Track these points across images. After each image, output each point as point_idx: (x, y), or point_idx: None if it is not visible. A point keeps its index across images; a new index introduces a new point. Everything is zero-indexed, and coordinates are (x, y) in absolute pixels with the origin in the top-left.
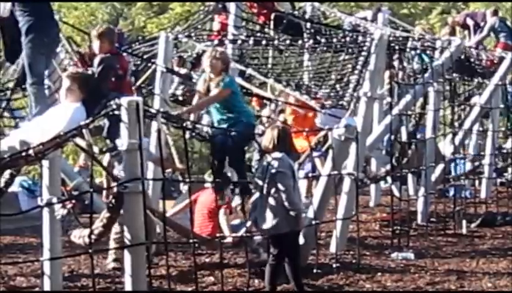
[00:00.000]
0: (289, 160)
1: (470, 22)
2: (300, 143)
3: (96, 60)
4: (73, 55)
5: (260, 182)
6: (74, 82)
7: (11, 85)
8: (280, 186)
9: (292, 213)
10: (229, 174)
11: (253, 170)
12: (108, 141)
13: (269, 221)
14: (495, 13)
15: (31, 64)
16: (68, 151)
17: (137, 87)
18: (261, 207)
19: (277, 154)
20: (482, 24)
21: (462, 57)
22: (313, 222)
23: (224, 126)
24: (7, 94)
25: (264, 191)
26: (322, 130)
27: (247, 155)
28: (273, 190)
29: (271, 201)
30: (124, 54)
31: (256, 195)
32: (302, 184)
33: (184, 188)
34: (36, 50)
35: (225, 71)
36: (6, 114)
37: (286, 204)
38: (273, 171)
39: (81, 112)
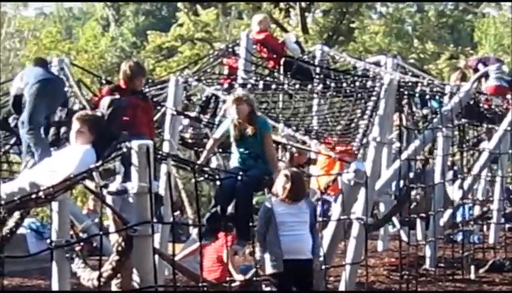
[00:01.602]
0: (268, 206)
1: (481, 67)
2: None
3: (105, 102)
4: (82, 99)
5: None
6: (84, 124)
7: None
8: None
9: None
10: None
11: None
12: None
13: None
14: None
15: (31, 114)
16: (77, 193)
17: None
18: None
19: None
20: None
21: (472, 102)
22: (323, 266)
23: (244, 168)
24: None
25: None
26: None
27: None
28: None
29: None
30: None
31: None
32: None
33: (193, 232)
34: (38, 99)
35: (253, 112)
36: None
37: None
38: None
39: (91, 155)
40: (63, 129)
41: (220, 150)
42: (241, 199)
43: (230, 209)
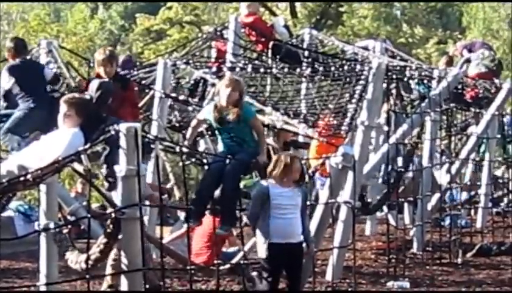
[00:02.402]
0: (264, 188)
1: (465, 53)
2: None
3: (94, 85)
4: (71, 81)
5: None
6: (71, 108)
7: None
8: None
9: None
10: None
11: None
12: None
13: None
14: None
15: (17, 124)
16: (64, 176)
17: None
18: None
19: (263, 181)
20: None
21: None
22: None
23: (231, 152)
24: None
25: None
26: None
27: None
28: None
29: None
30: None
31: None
32: None
33: (181, 215)
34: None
35: (240, 99)
36: None
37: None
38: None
39: (79, 137)
40: None
41: (209, 133)
42: (228, 183)
43: (217, 192)
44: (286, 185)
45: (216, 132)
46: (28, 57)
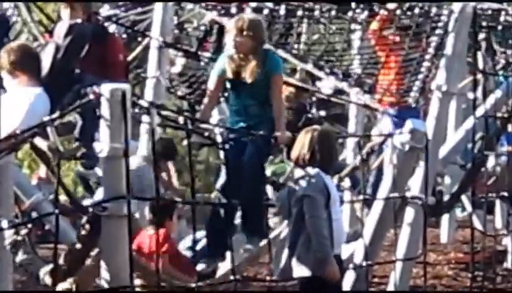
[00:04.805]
0: (324, 180)
1: None
2: None
3: (62, 29)
4: (32, 27)
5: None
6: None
7: None
8: (306, 216)
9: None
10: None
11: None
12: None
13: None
14: None
15: None
16: (23, 156)
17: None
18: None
19: (310, 170)
20: None
21: None
22: (364, 263)
23: (248, 124)
24: None
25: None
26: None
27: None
28: (296, 222)
29: (293, 235)
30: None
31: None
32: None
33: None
34: None
35: (260, 45)
36: None
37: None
38: (299, 194)
39: (43, 102)
40: None
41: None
42: (248, 181)
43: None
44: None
45: (231, 93)
46: None
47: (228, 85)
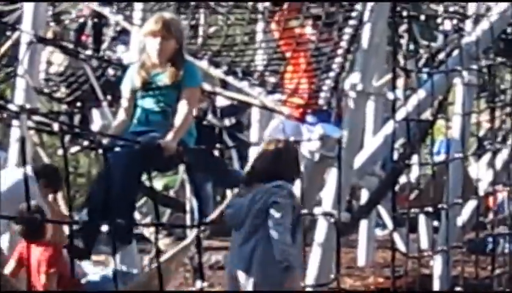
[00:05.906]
0: (292, 190)
1: None
2: None
3: None
4: None
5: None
6: None
7: None
8: (270, 222)
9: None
10: None
11: None
12: None
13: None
14: None
15: None
16: None
17: None
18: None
19: (278, 182)
20: None
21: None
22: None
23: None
24: None
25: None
26: None
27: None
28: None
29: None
30: None
31: None
32: None
33: None
34: None
35: (180, 52)
36: None
37: (276, 251)
38: (270, 200)
39: None
40: None
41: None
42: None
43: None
44: None
45: (138, 99)
46: None
47: (138, 94)
